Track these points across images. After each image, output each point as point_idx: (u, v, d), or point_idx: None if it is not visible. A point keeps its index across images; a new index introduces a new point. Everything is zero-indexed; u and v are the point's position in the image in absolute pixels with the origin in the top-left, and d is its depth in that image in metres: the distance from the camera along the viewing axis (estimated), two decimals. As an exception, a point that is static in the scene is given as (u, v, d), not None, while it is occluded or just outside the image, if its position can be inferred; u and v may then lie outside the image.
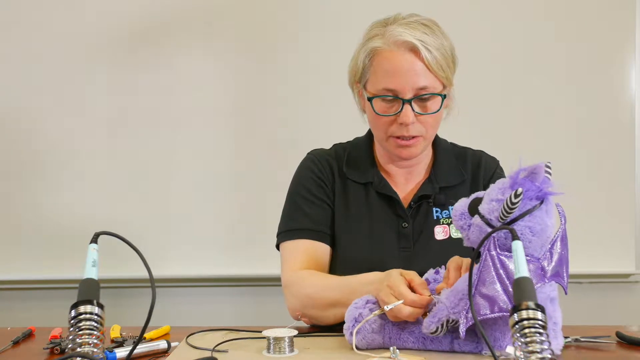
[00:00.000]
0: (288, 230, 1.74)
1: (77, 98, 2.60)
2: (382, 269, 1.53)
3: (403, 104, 1.61)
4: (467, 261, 1.40)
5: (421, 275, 1.48)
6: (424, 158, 1.77)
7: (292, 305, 1.66)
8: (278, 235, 1.76)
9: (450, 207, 1.70)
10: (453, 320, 1.30)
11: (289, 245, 1.73)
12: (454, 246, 1.65)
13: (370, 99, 1.64)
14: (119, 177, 2.60)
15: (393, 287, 1.40)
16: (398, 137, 1.65)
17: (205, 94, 2.61)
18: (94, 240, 1.18)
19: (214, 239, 2.61)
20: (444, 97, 1.65)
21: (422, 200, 1.72)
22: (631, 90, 2.59)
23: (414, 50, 1.60)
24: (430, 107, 1.64)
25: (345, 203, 1.74)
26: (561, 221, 1.32)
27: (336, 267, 1.71)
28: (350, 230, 1.72)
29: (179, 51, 2.60)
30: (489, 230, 1.29)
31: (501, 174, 1.77)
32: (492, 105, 2.58)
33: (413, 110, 1.61)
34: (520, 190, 1.24)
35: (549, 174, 1.30)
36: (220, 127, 2.62)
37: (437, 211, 1.71)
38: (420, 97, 1.61)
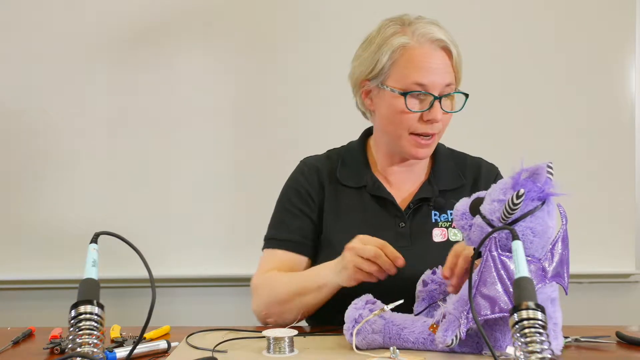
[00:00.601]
0: (268, 239, 1.78)
1: (77, 98, 2.60)
2: None
3: (434, 100, 1.62)
4: (468, 250, 1.41)
5: (417, 276, 1.52)
6: None
7: (257, 306, 1.70)
8: (264, 241, 1.80)
9: (449, 211, 1.71)
10: None
11: (267, 253, 1.78)
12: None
13: (404, 94, 1.63)
14: (119, 177, 2.60)
15: (355, 246, 1.49)
16: (419, 135, 1.66)
17: (205, 94, 2.60)
18: (94, 240, 1.19)
19: (214, 239, 2.61)
20: (467, 96, 1.68)
21: (421, 203, 1.73)
22: (631, 90, 2.59)
23: (446, 48, 1.65)
24: (455, 106, 1.68)
25: (337, 208, 1.75)
26: (562, 222, 1.32)
27: None
28: (345, 232, 1.71)
29: (179, 51, 2.60)
30: (490, 230, 1.29)
31: None
32: (492, 105, 2.58)
33: (441, 107, 1.64)
34: (522, 191, 1.23)
35: (551, 174, 1.30)
36: (220, 127, 2.62)
37: (435, 214, 1.72)
38: (448, 95, 1.64)
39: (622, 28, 2.59)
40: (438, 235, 1.70)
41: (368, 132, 1.84)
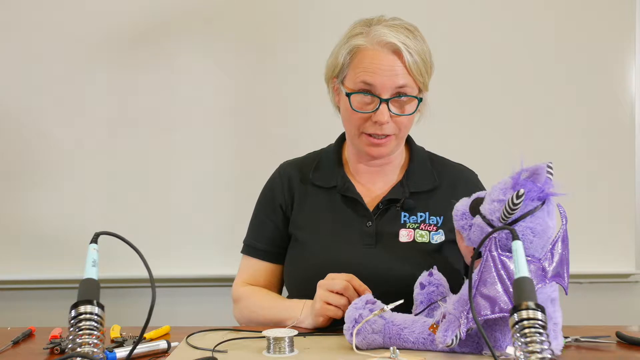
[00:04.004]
0: (246, 244, 1.86)
1: (77, 98, 2.59)
2: (345, 264, 1.63)
3: (380, 103, 1.62)
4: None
5: (380, 274, 1.59)
6: (395, 159, 1.79)
7: (238, 318, 1.82)
8: (242, 244, 1.88)
9: (419, 213, 1.72)
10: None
11: (244, 259, 1.86)
12: (417, 250, 1.68)
13: (348, 95, 1.66)
14: (119, 177, 2.60)
15: (324, 282, 1.55)
16: (370, 135, 1.67)
17: (205, 94, 2.60)
18: (94, 240, 1.19)
19: (214, 239, 2.61)
20: (420, 100, 1.68)
21: (390, 204, 1.74)
22: (631, 90, 2.59)
23: (397, 52, 1.64)
24: (406, 109, 1.67)
25: (307, 207, 1.78)
26: (562, 222, 1.32)
27: (300, 266, 1.75)
28: (313, 232, 1.75)
29: (179, 51, 2.60)
30: (490, 230, 1.29)
31: (483, 188, 1.77)
32: (492, 105, 2.58)
33: (389, 110, 1.64)
34: (522, 191, 1.24)
35: (551, 174, 1.30)
36: (220, 127, 2.61)
37: (405, 216, 1.73)
38: (397, 98, 1.65)
39: (622, 28, 2.59)
40: (404, 235, 1.71)
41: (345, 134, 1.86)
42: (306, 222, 1.77)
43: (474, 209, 1.34)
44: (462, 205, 1.38)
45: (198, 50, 2.60)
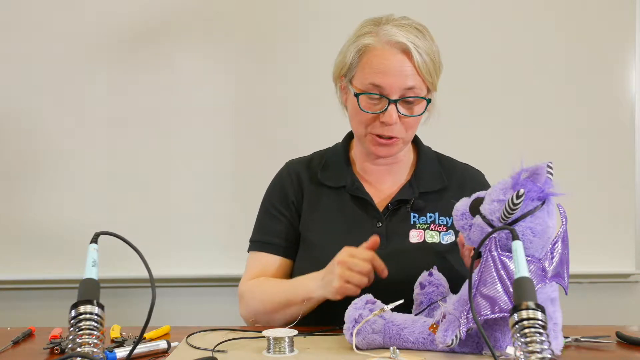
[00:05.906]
0: (253, 241, 1.82)
1: (77, 98, 2.60)
2: None
3: (389, 103, 1.62)
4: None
5: (392, 275, 1.55)
6: (403, 158, 1.79)
7: (245, 314, 1.75)
8: (249, 243, 1.84)
9: (428, 214, 1.72)
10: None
11: (252, 255, 1.82)
12: (427, 250, 1.68)
13: (357, 95, 1.66)
14: (119, 177, 2.60)
15: (347, 260, 1.51)
16: (377, 135, 1.67)
17: (205, 94, 2.61)
18: (94, 240, 1.19)
19: (214, 239, 2.61)
20: (429, 101, 1.67)
21: (400, 204, 1.73)
22: (631, 90, 2.59)
23: (406, 51, 1.63)
24: (414, 110, 1.66)
25: (316, 207, 1.77)
26: (562, 222, 1.32)
27: (309, 268, 1.72)
28: (323, 233, 1.74)
29: (179, 51, 2.60)
30: (490, 230, 1.29)
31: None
32: (492, 106, 2.58)
33: (398, 111, 1.63)
34: (522, 191, 1.24)
35: (551, 174, 1.30)
36: (220, 127, 2.62)
37: (414, 216, 1.72)
38: (406, 100, 1.64)
39: (622, 28, 2.59)
40: (414, 236, 1.70)
41: (352, 133, 1.85)
42: (316, 222, 1.75)
43: (474, 208, 1.34)
44: (462, 205, 1.38)
45: (198, 50, 2.61)
